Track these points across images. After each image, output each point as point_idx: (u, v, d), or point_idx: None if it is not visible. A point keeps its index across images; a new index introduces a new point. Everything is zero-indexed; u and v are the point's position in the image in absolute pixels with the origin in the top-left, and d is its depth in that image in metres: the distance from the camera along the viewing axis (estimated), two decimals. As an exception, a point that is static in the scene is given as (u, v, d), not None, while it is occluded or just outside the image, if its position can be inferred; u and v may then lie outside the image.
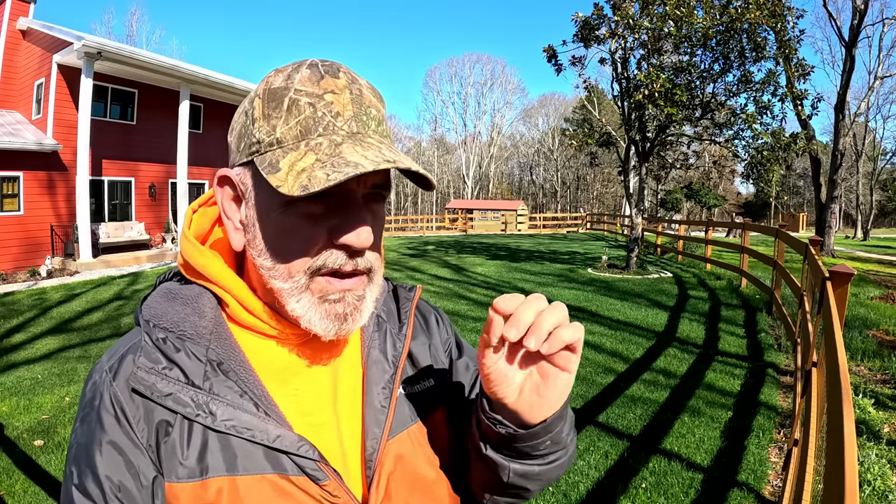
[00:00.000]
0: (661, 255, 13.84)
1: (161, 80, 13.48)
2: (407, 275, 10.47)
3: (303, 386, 0.56)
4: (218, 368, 0.52)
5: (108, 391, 0.51)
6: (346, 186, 0.50)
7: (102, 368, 0.53)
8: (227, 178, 0.55)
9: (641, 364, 4.76)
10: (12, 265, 11.27)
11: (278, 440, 0.51)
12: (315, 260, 0.51)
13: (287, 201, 0.50)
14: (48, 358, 5.35)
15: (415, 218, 32.78)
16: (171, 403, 0.50)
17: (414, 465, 0.59)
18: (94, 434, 0.50)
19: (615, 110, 20.90)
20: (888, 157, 40.16)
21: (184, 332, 0.53)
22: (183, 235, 0.58)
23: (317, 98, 0.50)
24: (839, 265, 2.61)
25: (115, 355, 0.54)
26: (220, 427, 0.50)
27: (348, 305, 0.53)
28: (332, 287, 0.52)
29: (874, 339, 5.41)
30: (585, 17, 9.92)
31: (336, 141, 0.49)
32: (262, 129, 0.51)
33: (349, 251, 0.51)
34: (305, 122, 0.49)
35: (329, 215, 0.51)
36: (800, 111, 11.19)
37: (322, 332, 0.52)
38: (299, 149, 0.49)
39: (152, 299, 0.57)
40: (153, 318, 0.55)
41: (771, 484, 2.81)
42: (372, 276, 0.55)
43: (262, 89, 0.52)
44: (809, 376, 2.58)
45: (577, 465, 3.00)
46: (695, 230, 21.01)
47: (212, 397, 0.51)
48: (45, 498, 2.81)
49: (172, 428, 0.50)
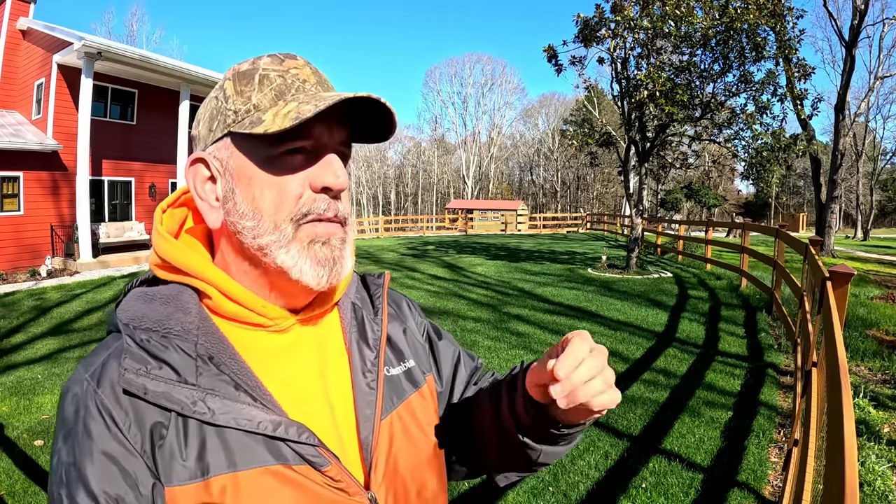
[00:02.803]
0: (661, 255, 13.84)
1: (161, 80, 13.47)
2: (406, 274, 10.46)
3: (293, 375, 0.57)
4: (210, 362, 0.52)
5: (92, 400, 0.49)
6: (320, 140, 0.54)
7: (81, 379, 0.51)
8: (199, 160, 0.57)
9: (641, 364, 4.76)
10: (12, 265, 11.26)
11: (280, 429, 0.51)
12: (300, 207, 0.54)
13: (271, 156, 0.53)
14: (48, 358, 5.35)
15: (415, 218, 32.80)
16: (165, 402, 0.49)
17: (408, 442, 0.62)
18: (83, 448, 0.48)
19: (615, 110, 20.91)
20: (888, 157, 40.18)
21: (169, 329, 0.52)
22: (157, 233, 0.58)
23: (283, 72, 0.55)
24: (839, 265, 2.61)
25: (93, 364, 0.52)
26: (220, 421, 0.49)
27: (335, 249, 0.56)
28: (318, 230, 0.55)
29: (874, 339, 5.40)
30: (587, 17, 9.92)
31: (311, 93, 0.54)
32: (238, 102, 0.54)
33: (330, 194, 0.55)
34: (278, 87, 0.54)
35: (308, 165, 0.54)
36: (800, 111, 11.17)
37: (314, 281, 0.54)
38: (278, 105, 0.53)
39: (127, 303, 0.56)
40: (133, 321, 0.53)
41: (771, 484, 2.81)
42: (347, 228, 0.58)
43: (231, 74, 0.56)
44: (809, 376, 2.58)
45: (577, 465, 3.00)
46: (695, 230, 21.01)
47: (207, 392, 0.50)
48: (45, 498, 2.80)
49: (167, 430, 0.49)
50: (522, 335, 5.64)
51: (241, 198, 0.54)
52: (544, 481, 2.86)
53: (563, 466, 2.99)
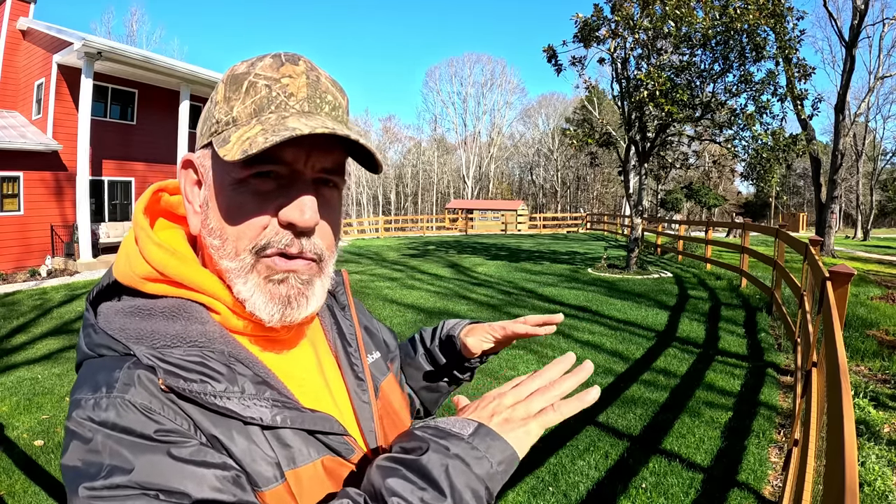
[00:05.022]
0: (662, 255, 13.83)
1: (161, 80, 13.48)
2: (408, 274, 10.46)
3: (304, 376, 0.58)
4: (245, 369, 0.51)
5: (125, 408, 0.44)
6: (294, 167, 0.51)
7: (96, 402, 0.44)
8: (189, 162, 0.56)
9: (641, 364, 4.76)
10: (12, 265, 11.27)
11: (321, 424, 0.53)
12: (260, 238, 0.51)
13: (238, 179, 0.51)
14: (48, 358, 5.35)
15: (415, 218, 32.79)
16: (221, 411, 0.47)
17: (393, 413, 0.67)
18: (146, 459, 0.42)
19: (615, 110, 20.90)
20: (888, 157, 40.16)
21: (194, 341, 0.50)
22: (151, 242, 0.53)
23: (274, 81, 0.52)
24: (839, 265, 2.61)
25: (101, 384, 0.46)
26: (277, 422, 0.50)
27: (291, 288, 0.52)
28: (276, 266, 0.51)
29: (874, 339, 5.40)
30: (585, 18, 9.92)
31: (284, 115, 0.50)
32: (222, 110, 0.52)
33: (295, 230, 0.51)
34: (260, 101, 0.51)
35: (277, 194, 0.51)
36: (800, 111, 11.16)
37: (266, 318, 0.52)
38: (251, 124, 0.50)
39: (118, 323, 0.50)
40: (143, 339, 0.49)
41: (771, 484, 2.81)
42: (322, 266, 0.55)
43: (227, 76, 0.54)
44: (809, 376, 2.58)
45: (577, 465, 3.00)
46: (695, 230, 21.00)
47: (251, 398, 0.50)
48: (45, 498, 2.80)
49: (217, 440, 0.47)
50: (522, 335, 5.63)
51: (213, 213, 0.52)
52: (544, 481, 2.86)
53: (564, 466, 2.99)
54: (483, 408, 0.50)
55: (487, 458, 0.44)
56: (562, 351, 5.15)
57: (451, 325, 0.83)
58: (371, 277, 10.07)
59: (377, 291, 8.50)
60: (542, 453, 3.17)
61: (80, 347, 0.53)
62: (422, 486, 0.43)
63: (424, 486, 0.43)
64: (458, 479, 0.43)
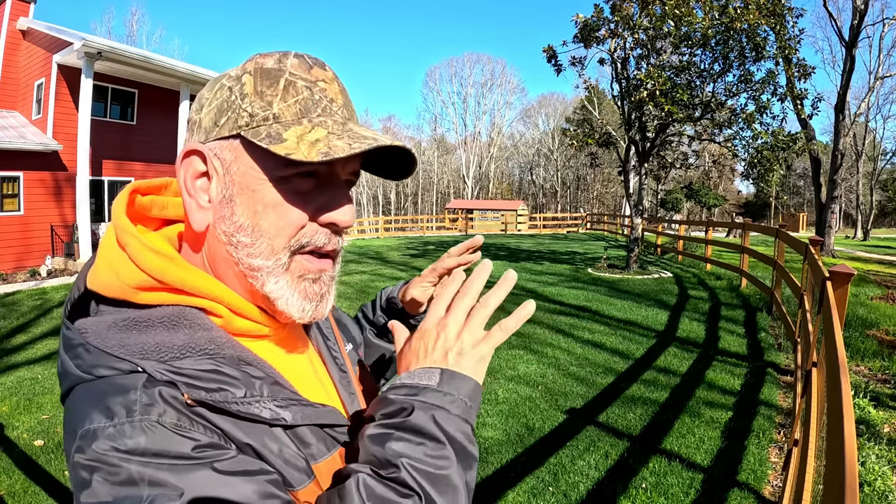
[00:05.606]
0: (662, 255, 13.83)
1: (161, 80, 13.47)
2: (412, 274, 10.46)
3: (301, 373, 0.59)
4: (257, 371, 0.50)
5: (154, 430, 0.41)
6: (332, 168, 0.52)
7: (117, 429, 0.41)
8: (196, 153, 0.51)
9: (642, 364, 4.76)
10: (12, 265, 11.27)
11: (331, 417, 0.54)
12: (300, 237, 0.51)
13: (281, 176, 0.50)
14: (48, 358, 5.35)
15: (415, 218, 32.79)
16: (249, 417, 0.47)
17: (371, 388, 0.71)
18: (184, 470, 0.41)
19: (615, 110, 20.90)
20: (888, 157, 40.18)
21: (203, 349, 0.47)
22: (146, 248, 0.49)
23: (311, 83, 0.51)
24: (839, 265, 2.61)
25: (117, 409, 0.42)
26: (298, 421, 0.50)
27: (324, 285, 0.54)
28: (311, 266, 0.53)
29: (874, 338, 5.40)
30: (585, 18, 9.92)
31: (339, 121, 0.51)
32: (256, 104, 0.50)
33: (334, 229, 0.53)
34: (304, 102, 0.51)
35: (316, 194, 0.52)
36: (800, 111, 11.17)
37: (298, 314, 0.53)
38: (302, 124, 0.49)
39: (115, 339, 0.46)
40: (149, 353, 0.45)
41: (771, 484, 2.81)
42: (337, 261, 0.57)
43: (253, 68, 0.51)
44: (809, 376, 2.58)
45: (577, 465, 3.00)
46: (695, 230, 21.00)
47: (271, 400, 0.49)
48: (45, 498, 2.81)
49: (250, 448, 0.47)
50: (523, 335, 5.64)
51: (242, 209, 0.50)
52: (544, 481, 2.86)
53: (564, 466, 3.00)
54: (434, 348, 0.52)
55: (459, 397, 0.49)
56: (562, 349, 5.16)
57: (387, 291, 0.87)
58: (376, 277, 10.09)
59: (377, 291, 8.50)
60: (542, 453, 3.17)
61: (67, 372, 0.46)
62: (419, 442, 0.46)
63: (422, 441, 0.46)
64: (448, 426, 0.47)
